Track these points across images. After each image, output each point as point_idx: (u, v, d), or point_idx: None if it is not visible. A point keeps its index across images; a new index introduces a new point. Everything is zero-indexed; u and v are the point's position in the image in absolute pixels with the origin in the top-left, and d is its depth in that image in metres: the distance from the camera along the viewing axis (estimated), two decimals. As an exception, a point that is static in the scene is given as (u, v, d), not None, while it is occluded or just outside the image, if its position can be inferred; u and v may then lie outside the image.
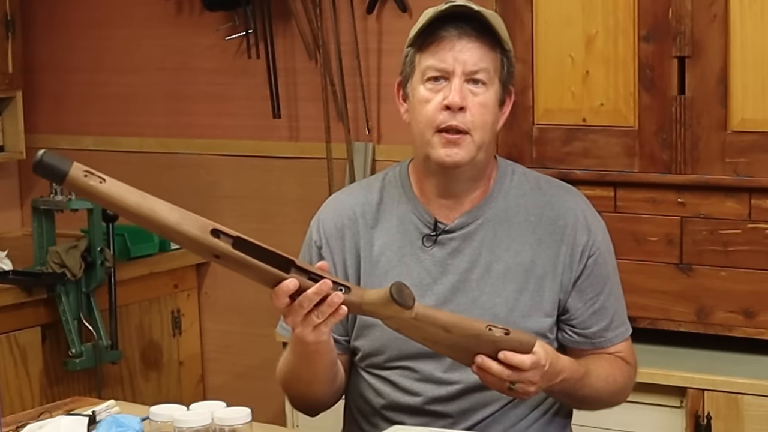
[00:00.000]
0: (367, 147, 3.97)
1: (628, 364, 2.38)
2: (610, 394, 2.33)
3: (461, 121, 2.19)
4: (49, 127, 4.62)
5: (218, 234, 1.92)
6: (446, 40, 2.20)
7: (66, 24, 4.55)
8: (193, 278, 4.37)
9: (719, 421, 2.99)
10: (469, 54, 2.20)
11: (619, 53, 3.17)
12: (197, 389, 4.36)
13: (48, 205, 3.84)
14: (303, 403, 2.35)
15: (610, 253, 2.36)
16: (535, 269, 2.28)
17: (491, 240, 2.28)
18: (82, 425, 2.16)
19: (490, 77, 2.22)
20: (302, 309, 1.99)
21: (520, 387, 2.08)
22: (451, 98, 2.18)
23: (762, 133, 3.04)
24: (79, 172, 1.87)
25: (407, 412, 2.29)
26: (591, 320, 2.31)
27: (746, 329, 3.11)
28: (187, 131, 4.35)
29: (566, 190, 2.36)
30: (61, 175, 1.85)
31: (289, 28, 4.09)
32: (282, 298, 1.99)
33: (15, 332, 3.77)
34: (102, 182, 1.89)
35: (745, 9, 3.03)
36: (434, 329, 2.04)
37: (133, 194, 1.91)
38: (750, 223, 3.08)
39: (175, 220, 1.91)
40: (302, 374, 2.24)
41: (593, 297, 2.31)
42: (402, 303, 1.99)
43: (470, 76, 2.20)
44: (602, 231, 2.36)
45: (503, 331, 2.06)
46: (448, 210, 2.30)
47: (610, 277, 2.34)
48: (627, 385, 2.38)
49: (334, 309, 1.98)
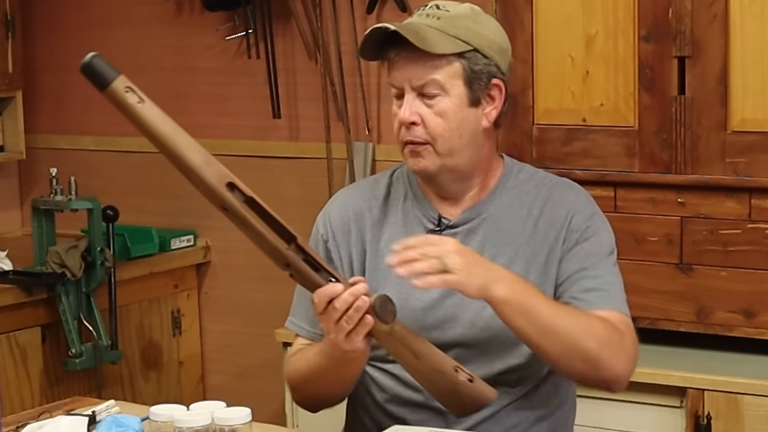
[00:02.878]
0: (367, 147, 3.97)
1: (617, 328, 2.21)
2: (585, 335, 2.14)
3: (415, 136, 2.25)
4: (49, 127, 4.62)
5: (233, 188, 1.95)
6: (391, 60, 2.26)
7: (66, 24, 4.55)
8: (193, 278, 4.37)
9: (719, 421, 2.99)
10: (412, 70, 2.24)
11: (619, 53, 3.18)
12: (197, 389, 4.36)
13: (48, 205, 3.84)
14: (313, 402, 2.35)
15: (610, 246, 2.32)
16: (537, 259, 2.29)
17: (494, 234, 2.30)
18: (82, 425, 2.16)
19: (442, 86, 2.23)
20: (336, 312, 2.03)
21: (450, 262, 2.04)
22: (400, 116, 2.25)
23: (762, 133, 3.04)
24: (122, 86, 1.90)
25: (409, 407, 2.29)
26: (576, 282, 2.27)
27: (746, 329, 3.11)
28: (188, 131, 4.34)
29: (569, 186, 2.38)
30: (104, 82, 1.89)
31: (289, 28, 4.09)
32: (323, 302, 2.03)
33: (15, 332, 3.77)
34: (140, 102, 1.91)
35: (745, 9, 3.03)
36: (405, 351, 2.10)
37: (167, 124, 1.94)
38: (750, 223, 3.08)
39: (197, 162, 1.94)
40: (329, 377, 2.23)
41: (581, 267, 2.27)
42: (380, 316, 2.05)
43: (419, 91, 2.24)
44: (605, 228, 2.34)
45: (468, 377, 2.11)
46: (450, 207, 2.34)
47: (604, 261, 2.29)
48: (609, 341, 2.18)
49: (360, 315, 2.03)
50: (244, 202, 1.96)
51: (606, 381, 2.21)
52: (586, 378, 2.21)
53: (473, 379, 2.12)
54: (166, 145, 1.94)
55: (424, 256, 2.04)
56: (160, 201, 4.41)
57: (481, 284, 2.08)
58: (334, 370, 2.20)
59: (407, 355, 2.11)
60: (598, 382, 2.22)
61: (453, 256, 2.05)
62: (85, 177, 4.10)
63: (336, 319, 2.04)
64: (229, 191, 1.95)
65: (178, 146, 1.94)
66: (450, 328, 2.28)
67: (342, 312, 2.03)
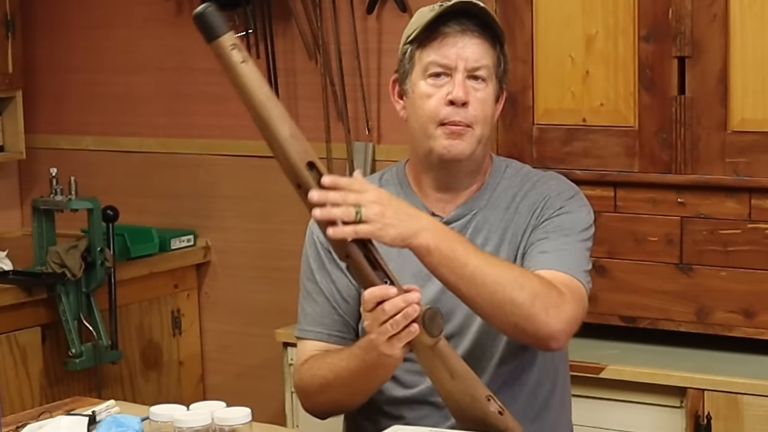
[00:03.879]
0: (367, 147, 3.97)
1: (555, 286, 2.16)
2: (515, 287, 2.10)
3: (464, 116, 2.24)
4: (49, 127, 4.61)
5: (312, 167, 1.97)
6: (449, 36, 2.25)
7: (66, 24, 4.55)
8: (193, 278, 4.37)
9: (719, 421, 2.99)
10: (472, 50, 2.25)
11: (619, 53, 3.17)
12: (197, 389, 4.36)
13: (48, 205, 3.84)
14: (328, 409, 2.33)
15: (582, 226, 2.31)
16: (516, 239, 2.31)
17: (483, 225, 2.33)
18: (82, 425, 2.16)
19: (489, 74, 2.27)
20: (384, 315, 2.00)
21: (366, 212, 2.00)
22: (455, 94, 2.23)
23: (762, 133, 3.04)
24: (229, 41, 1.91)
25: (406, 404, 2.29)
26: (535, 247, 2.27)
27: (746, 329, 3.11)
28: (187, 131, 4.35)
29: (553, 177, 2.41)
30: (213, 35, 1.90)
31: (289, 28, 4.09)
32: (372, 302, 2.01)
33: (15, 332, 3.77)
34: (244, 63, 1.92)
35: (745, 9, 3.02)
36: (442, 368, 2.07)
37: (264, 90, 1.93)
38: (750, 223, 3.08)
39: (285, 135, 1.95)
40: (355, 382, 2.20)
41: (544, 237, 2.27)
42: (428, 329, 2.02)
43: (472, 73, 2.25)
44: (582, 211, 2.34)
45: (499, 408, 2.08)
46: (444, 203, 2.35)
47: (571, 236, 2.28)
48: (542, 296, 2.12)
49: (407, 323, 2.00)
50: (319, 183, 1.97)
51: (540, 338, 2.14)
52: (520, 332, 2.14)
53: (503, 412, 2.09)
54: (258, 111, 1.93)
55: (344, 202, 2.00)
56: (160, 201, 4.41)
57: (398, 235, 2.03)
58: (363, 374, 2.17)
59: (443, 373, 2.07)
60: (532, 339, 2.16)
61: (370, 205, 2.00)
62: (85, 177, 4.10)
63: (381, 321, 2.01)
64: (308, 170, 1.96)
65: (270, 115, 1.93)
66: (448, 322, 2.28)
67: (390, 316, 2.00)
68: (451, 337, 2.27)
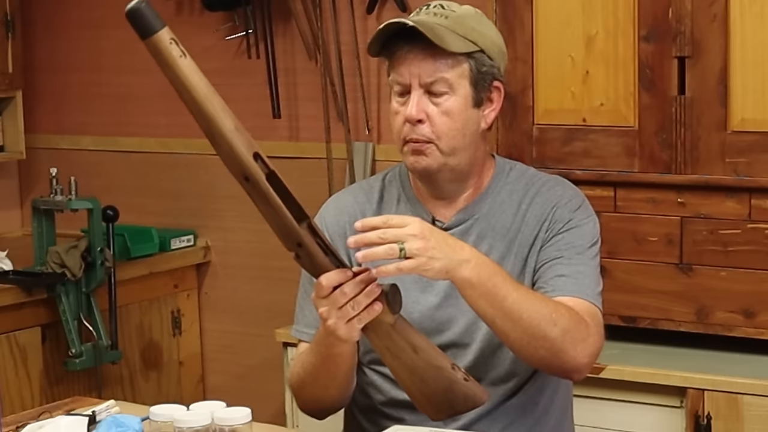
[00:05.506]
0: (367, 147, 3.97)
1: (582, 318, 2.19)
2: (549, 323, 2.11)
3: (420, 134, 2.24)
4: (49, 127, 4.62)
5: (258, 159, 1.94)
6: (400, 55, 2.24)
7: (66, 24, 4.55)
8: (193, 278, 4.37)
9: (719, 421, 2.99)
10: (423, 66, 2.23)
11: (619, 53, 3.17)
12: (197, 389, 4.36)
13: (48, 205, 3.84)
14: (315, 407, 2.34)
15: (592, 239, 2.32)
16: (523, 251, 2.30)
17: (487, 232, 2.32)
18: (82, 425, 2.16)
19: (450, 85, 2.24)
20: (344, 297, 2.00)
21: (409, 247, 1.98)
22: (407, 112, 2.24)
23: (762, 133, 3.04)
24: (167, 37, 1.87)
25: (406, 408, 2.29)
26: (549, 268, 2.27)
27: (746, 329, 3.11)
28: (187, 131, 4.34)
29: (558, 182, 2.39)
30: (150, 30, 1.86)
31: (289, 28, 4.09)
32: (330, 287, 2.00)
33: (15, 332, 3.77)
34: (182, 57, 1.88)
35: (745, 9, 3.02)
36: (404, 344, 2.07)
37: (203, 85, 1.90)
38: (750, 223, 3.08)
39: (229, 128, 1.91)
40: (320, 376, 2.23)
41: (558, 256, 2.27)
42: (391, 305, 2.01)
43: (428, 88, 2.24)
44: (589, 222, 2.34)
45: (464, 375, 2.09)
46: (443, 209, 2.34)
47: (583, 253, 2.29)
48: (572, 331, 2.14)
49: (369, 302, 2.00)
50: (267, 175, 1.95)
51: (566, 370, 2.18)
52: (547, 365, 2.17)
53: (468, 379, 2.11)
54: (200, 106, 1.90)
55: (383, 240, 1.99)
56: (160, 201, 4.41)
57: (443, 268, 2.02)
58: (323, 366, 2.20)
59: (406, 348, 2.07)
60: (558, 370, 2.19)
61: (412, 240, 1.99)
62: (85, 177, 4.11)
63: (341, 304, 2.00)
64: (254, 161, 1.93)
65: (213, 108, 1.90)
66: (449, 329, 2.29)
67: (350, 297, 1.99)
68: (451, 346, 2.27)
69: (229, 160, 1.94)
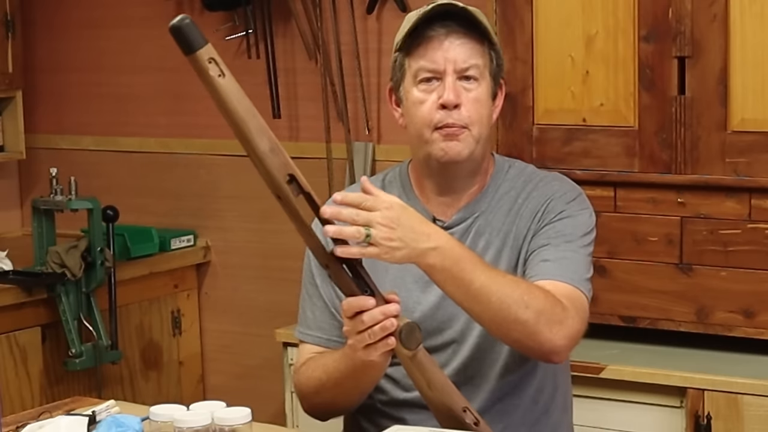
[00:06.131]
0: (367, 147, 3.97)
1: (559, 300, 2.16)
2: (520, 305, 2.09)
3: (457, 119, 2.24)
4: (49, 127, 4.62)
5: (292, 180, 1.96)
6: (434, 40, 2.24)
7: (66, 24, 4.55)
8: (193, 278, 4.37)
9: (719, 421, 2.99)
10: (459, 51, 2.24)
11: (619, 53, 3.17)
12: (197, 389, 4.36)
13: (48, 205, 3.84)
14: (326, 410, 2.33)
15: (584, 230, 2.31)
16: (517, 243, 2.31)
17: (484, 228, 2.32)
18: (82, 425, 2.16)
19: (480, 72, 2.26)
20: (362, 325, 2.01)
21: (374, 234, 1.99)
22: (446, 97, 2.23)
23: (762, 133, 3.04)
24: (206, 55, 1.91)
25: (407, 407, 2.30)
26: (537, 255, 2.27)
27: (746, 329, 3.11)
28: (187, 131, 4.35)
29: (556, 177, 2.40)
30: (191, 48, 1.90)
31: (289, 28, 4.09)
32: (351, 311, 2.02)
33: (15, 332, 3.77)
34: (221, 76, 1.92)
35: (745, 9, 3.02)
36: (419, 377, 2.09)
37: (242, 104, 1.93)
38: (750, 223, 3.08)
39: (264, 149, 1.93)
40: (346, 383, 2.22)
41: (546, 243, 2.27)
42: (404, 343, 2.03)
43: (462, 74, 2.25)
44: (584, 215, 2.33)
45: (474, 419, 2.10)
46: (446, 207, 2.34)
47: (572, 242, 2.28)
48: (546, 312, 2.11)
49: (383, 335, 2.01)
50: (299, 195, 1.96)
51: (544, 352, 2.15)
52: (524, 347, 2.16)
53: (479, 423, 2.10)
54: (237, 125, 1.93)
55: (354, 221, 1.99)
56: (160, 201, 4.41)
57: (404, 257, 2.03)
58: (352, 375, 2.18)
59: (421, 381, 2.09)
60: (536, 353, 2.17)
61: (379, 229, 1.99)
62: (85, 177, 4.11)
63: (359, 330, 2.02)
64: (287, 183, 1.95)
65: (249, 129, 1.92)
66: (450, 327, 2.29)
67: (367, 326, 2.01)
68: (451, 343, 2.27)
69: (264, 179, 1.96)
